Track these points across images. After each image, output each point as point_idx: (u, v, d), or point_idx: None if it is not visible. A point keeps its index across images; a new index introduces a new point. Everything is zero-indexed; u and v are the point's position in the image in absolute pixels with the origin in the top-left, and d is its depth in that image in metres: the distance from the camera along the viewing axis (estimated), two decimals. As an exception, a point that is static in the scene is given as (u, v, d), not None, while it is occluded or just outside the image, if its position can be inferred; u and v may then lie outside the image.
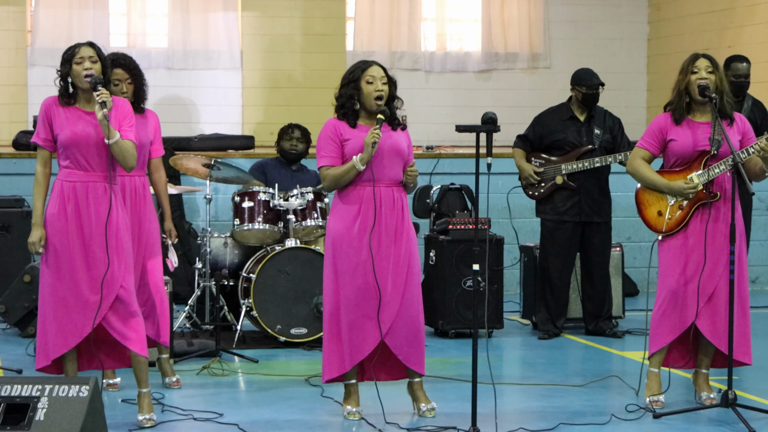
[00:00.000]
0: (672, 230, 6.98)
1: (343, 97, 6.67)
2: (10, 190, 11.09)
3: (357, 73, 6.65)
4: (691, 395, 7.33)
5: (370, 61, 6.74)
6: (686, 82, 6.93)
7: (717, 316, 6.91)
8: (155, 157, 7.51)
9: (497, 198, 9.67)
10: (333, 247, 6.66)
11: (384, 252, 6.63)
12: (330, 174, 6.63)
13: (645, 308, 7.51)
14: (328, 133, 6.65)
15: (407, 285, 6.68)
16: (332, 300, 6.67)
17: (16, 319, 9.39)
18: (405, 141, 6.77)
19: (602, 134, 9.50)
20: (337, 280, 6.65)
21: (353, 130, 6.64)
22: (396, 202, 6.68)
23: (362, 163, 6.53)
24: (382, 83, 6.64)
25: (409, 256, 6.70)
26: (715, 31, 13.42)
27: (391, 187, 6.69)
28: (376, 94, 6.61)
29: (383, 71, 6.68)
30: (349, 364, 6.67)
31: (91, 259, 6.43)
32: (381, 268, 6.60)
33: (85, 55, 6.42)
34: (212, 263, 9.21)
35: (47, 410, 5.34)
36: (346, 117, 6.66)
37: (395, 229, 6.66)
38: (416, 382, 6.86)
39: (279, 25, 13.71)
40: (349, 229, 6.61)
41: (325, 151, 6.64)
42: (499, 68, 14.39)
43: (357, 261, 6.60)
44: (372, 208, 6.60)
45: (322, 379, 6.81)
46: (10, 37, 13.10)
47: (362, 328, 6.62)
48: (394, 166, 6.68)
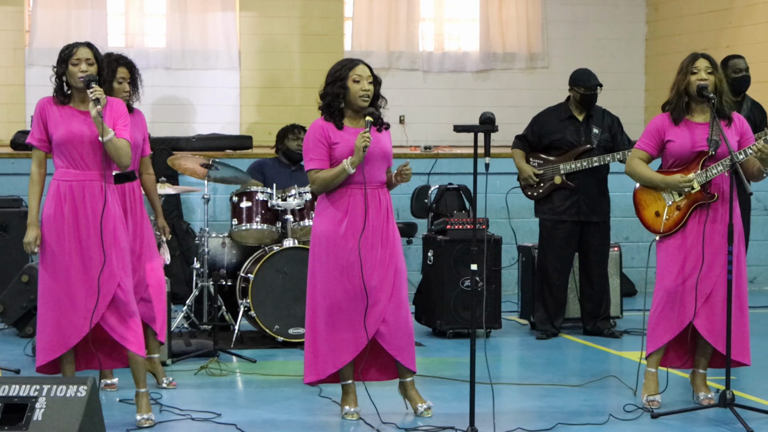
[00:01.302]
0: (669, 231, 6.98)
1: (329, 95, 6.63)
2: (8, 190, 11.08)
3: (344, 72, 6.61)
4: (688, 395, 7.33)
5: (356, 60, 6.72)
6: (686, 82, 6.93)
7: (715, 316, 6.91)
8: (144, 156, 7.53)
9: (495, 198, 9.68)
10: (319, 249, 6.65)
11: (371, 254, 6.62)
12: (320, 177, 6.60)
13: (643, 308, 7.51)
14: (317, 136, 6.61)
15: (395, 286, 6.68)
16: (316, 301, 6.67)
17: (14, 319, 9.39)
18: (389, 142, 6.77)
19: (601, 133, 9.50)
20: (322, 281, 6.64)
21: (341, 133, 6.61)
22: (382, 204, 6.68)
23: (353, 166, 6.51)
24: (368, 82, 6.62)
25: (396, 257, 6.70)
26: (713, 31, 13.43)
27: (377, 189, 6.68)
28: (362, 93, 6.59)
29: (369, 70, 6.66)
30: (332, 367, 6.66)
31: (87, 260, 6.42)
32: (368, 270, 6.60)
33: (82, 57, 6.41)
34: (210, 263, 9.20)
35: (45, 410, 5.33)
36: (332, 117, 6.63)
37: (381, 231, 6.66)
38: (408, 382, 6.85)
39: (277, 25, 13.70)
40: (336, 230, 6.60)
41: (313, 154, 6.60)
42: (497, 68, 14.38)
43: (345, 263, 6.59)
44: (360, 211, 6.59)
45: (304, 381, 6.80)
46: (8, 37, 13.09)
47: (348, 330, 6.62)
48: (380, 168, 6.68)
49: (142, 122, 7.51)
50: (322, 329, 6.64)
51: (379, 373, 6.86)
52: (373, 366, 6.81)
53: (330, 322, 6.61)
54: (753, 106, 9.16)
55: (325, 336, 6.64)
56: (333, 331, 6.62)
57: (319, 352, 6.67)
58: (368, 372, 6.83)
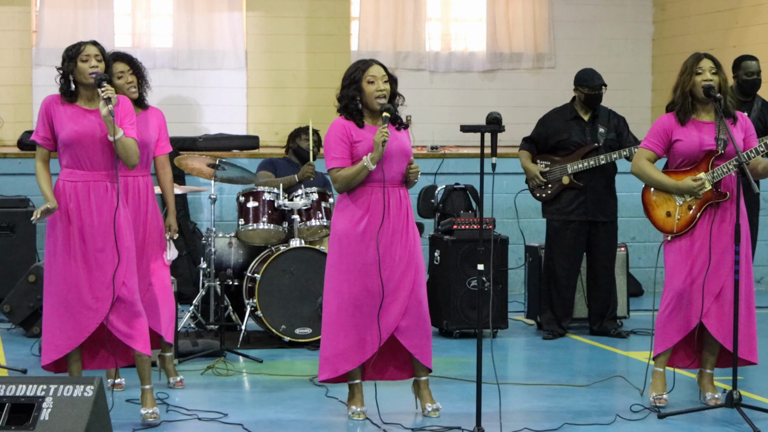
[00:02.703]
0: (682, 230, 6.96)
1: (346, 98, 6.64)
2: (15, 190, 11.10)
3: (358, 74, 6.62)
4: (695, 395, 7.33)
5: (369, 60, 6.71)
6: (691, 83, 6.92)
7: (724, 315, 6.90)
8: (161, 154, 7.51)
9: (502, 198, 9.68)
10: (339, 246, 6.65)
11: (390, 252, 6.63)
12: (341, 175, 6.61)
13: (650, 308, 7.51)
14: (338, 134, 6.62)
15: (415, 284, 6.68)
16: (334, 299, 6.67)
17: (20, 319, 9.40)
18: (408, 140, 6.77)
19: (607, 133, 9.50)
20: (341, 279, 6.65)
21: (362, 131, 6.62)
22: (402, 202, 6.69)
23: (373, 162, 6.52)
24: (383, 82, 6.62)
25: (415, 255, 6.70)
26: (720, 31, 13.41)
27: (397, 187, 6.69)
28: (378, 93, 6.60)
29: (384, 70, 6.66)
30: (350, 365, 6.67)
31: (92, 260, 6.43)
32: (388, 268, 6.60)
33: (90, 54, 6.43)
34: (217, 263, 9.21)
35: (52, 410, 5.33)
36: (353, 117, 6.65)
37: (401, 229, 6.66)
38: (422, 381, 6.86)
39: (284, 25, 13.70)
40: (356, 228, 6.61)
41: (335, 153, 6.61)
42: (504, 68, 14.37)
43: (364, 261, 6.60)
44: (380, 209, 6.59)
45: (319, 378, 6.80)
46: (15, 37, 13.10)
47: (365, 329, 6.62)
48: (400, 167, 6.68)
49: (157, 119, 7.49)
50: (340, 327, 6.63)
51: (398, 372, 6.86)
52: (391, 364, 6.82)
53: (347, 321, 6.62)
54: (763, 106, 9.15)
55: (343, 334, 6.63)
56: (350, 329, 6.62)
57: (335, 349, 6.66)
58: (386, 371, 6.83)
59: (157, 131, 7.43)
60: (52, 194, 6.44)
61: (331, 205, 9.29)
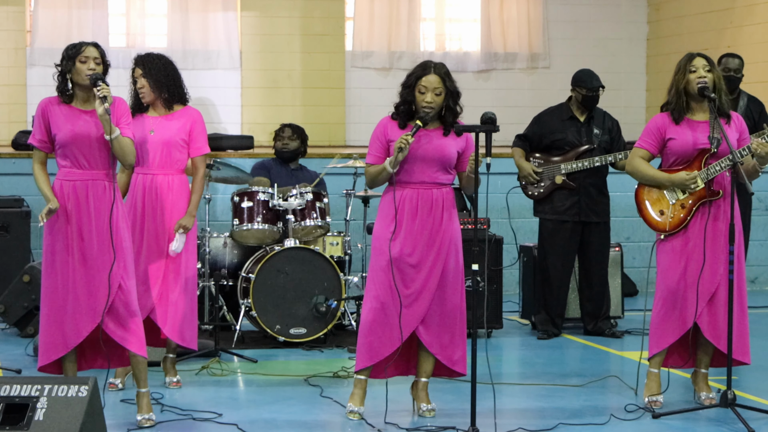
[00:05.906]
0: (675, 229, 6.96)
1: (401, 97, 6.70)
2: (9, 190, 11.09)
3: (412, 80, 6.65)
4: (690, 395, 7.34)
5: (429, 67, 6.66)
6: (685, 81, 6.93)
7: (717, 316, 6.91)
8: (194, 156, 7.46)
9: (496, 198, 9.67)
10: (373, 245, 6.77)
11: (415, 254, 6.64)
12: (367, 171, 6.75)
13: (644, 308, 7.51)
14: (377, 132, 6.73)
15: (440, 287, 6.67)
16: (366, 296, 6.76)
17: (15, 319, 9.39)
18: (454, 146, 6.68)
19: (601, 134, 9.51)
20: (371, 277, 6.74)
21: (401, 132, 6.64)
22: (435, 204, 6.68)
23: (391, 166, 6.56)
24: (435, 94, 6.59)
25: (445, 256, 6.69)
26: (714, 31, 13.43)
27: (431, 189, 6.68)
28: (425, 105, 6.59)
29: (440, 80, 6.60)
30: (369, 360, 6.71)
31: (90, 260, 6.42)
32: (413, 269, 6.63)
33: (90, 56, 6.43)
34: (211, 263, 9.20)
35: (46, 410, 5.33)
36: (399, 116, 6.69)
37: (431, 230, 6.66)
38: (422, 382, 6.89)
39: (278, 25, 13.71)
40: (387, 229, 6.66)
41: (371, 149, 6.74)
42: (499, 68, 14.39)
43: (386, 261, 6.63)
44: (409, 208, 6.65)
45: (355, 369, 6.82)
46: (10, 37, 13.10)
47: (388, 328, 6.65)
48: (432, 169, 6.66)
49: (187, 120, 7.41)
50: (368, 323, 6.69)
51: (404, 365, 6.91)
52: (402, 359, 6.84)
53: (374, 318, 6.67)
54: (750, 101, 9.16)
55: (369, 329, 6.69)
56: (376, 327, 6.67)
57: (363, 343, 6.73)
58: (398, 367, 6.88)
59: (186, 133, 7.38)
60: (53, 194, 6.45)
61: (325, 205, 9.30)
